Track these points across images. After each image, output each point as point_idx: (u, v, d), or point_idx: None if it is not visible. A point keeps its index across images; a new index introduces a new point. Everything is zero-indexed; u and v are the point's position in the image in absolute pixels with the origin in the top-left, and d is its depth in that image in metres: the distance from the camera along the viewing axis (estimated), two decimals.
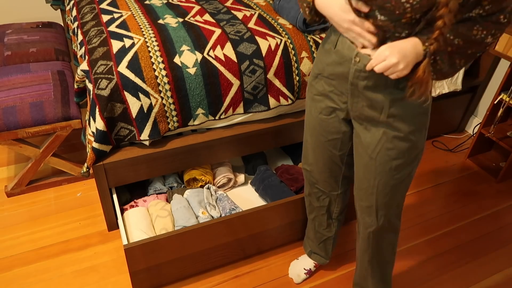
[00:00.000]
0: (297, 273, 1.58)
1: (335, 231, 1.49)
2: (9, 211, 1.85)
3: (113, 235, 1.74)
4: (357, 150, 1.14)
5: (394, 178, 1.10)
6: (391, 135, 1.03)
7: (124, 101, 1.48)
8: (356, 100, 1.04)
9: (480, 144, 2.27)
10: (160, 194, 1.75)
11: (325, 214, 1.43)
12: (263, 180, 1.78)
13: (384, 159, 1.07)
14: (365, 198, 1.18)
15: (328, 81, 1.08)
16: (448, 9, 0.76)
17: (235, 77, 1.60)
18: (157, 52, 1.52)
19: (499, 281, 1.65)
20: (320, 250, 1.54)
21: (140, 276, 1.45)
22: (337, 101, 1.10)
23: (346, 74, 1.01)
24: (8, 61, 2.06)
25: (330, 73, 1.06)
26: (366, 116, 1.05)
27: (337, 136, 1.18)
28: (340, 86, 1.06)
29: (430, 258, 1.73)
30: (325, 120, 1.16)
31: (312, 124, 1.21)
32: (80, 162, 1.98)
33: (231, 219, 1.47)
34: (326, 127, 1.17)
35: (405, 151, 1.05)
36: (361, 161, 1.13)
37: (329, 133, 1.18)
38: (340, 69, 1.02)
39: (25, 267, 1.60)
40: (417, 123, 1.02)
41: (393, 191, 1.13)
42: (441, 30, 0.80)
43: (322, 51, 1.08)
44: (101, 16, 1.78)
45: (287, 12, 1.78)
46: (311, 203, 1.44)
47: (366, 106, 1.03)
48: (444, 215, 1.95)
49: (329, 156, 1.24)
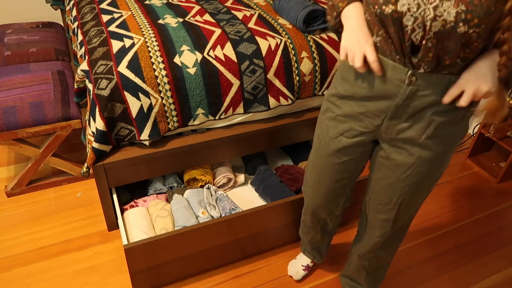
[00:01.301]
0: (296, 270, 1.59)
1: (329, 240, 1.51)
2: (9, 211, 1.85)
3: (113, 235, 1.74)
4: (381, 170, 1.09)
5: (418, 195, 1.08)
6: (427, 158, 0.99)
7: (124, 101, 1.48)
8: (397, 121, 0.96)
9: (480, 144, 2.27)
10: (160, 194, 1.75)
11: (319, 231, 1.41)
12: (263, 180, 1.78)
13: (413, 181, 1.04)
14: (384, 212, 1.14)
15: (360, 103, 0.99)
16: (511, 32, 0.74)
17: (235, 77, 1.60)
18: (157, 52, 1.52)
19: (499, 281, 1.65)
20: (314, 253, 1.56)
21: (140, 276, 1.45)
22: (367, 124, 1.01)
23: (390, 96, 0.93)
24: (8, 61, 2.06)
25: (364, 95, 0.97)
26: (403, 138, 0.98)
27: (353, 156, 1.09)
28: (376, 108, 0.97)
29: (430, 258, 1.73)
30: (345, 141, 1.07)
31: (326, 144, 1.11)
32: (80, 162, 1.98)
33: (231, 219, 1.47)
34: (344, 149, 1.08)
35: (435, 171, 1.02)
36: (386, 180, 1.08)
37: (345, 154, 1.09)
38: (381, 91, 0.94)
39: (25, 267, 1.60)
40: (454, 143, 0.99)
41: (414, 205, 1.12)
42: (508, 55, 0.77)
43: (351, 70, 0.99)
44: (101, 16, 1.78)
45: (287, 12, 1.78)
46: (305, 222, 1.42)
47: (407, 128, 0.96)
48: (444, 215, 1.94)
49: (337, 180, 1.16)
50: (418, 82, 0.88)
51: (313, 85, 1.74)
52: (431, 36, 0.80)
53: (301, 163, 1.94)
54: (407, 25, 0.81)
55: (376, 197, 1.14)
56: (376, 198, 1.15)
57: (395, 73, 0.90)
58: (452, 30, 0.77)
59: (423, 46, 0.82)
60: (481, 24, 0.76)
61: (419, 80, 0.88)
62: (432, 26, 0.78)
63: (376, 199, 1.14)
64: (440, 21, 0.77)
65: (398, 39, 0.85)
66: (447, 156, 1.01)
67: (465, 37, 0.78)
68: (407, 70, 0.88)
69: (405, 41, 0.84)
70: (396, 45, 0.87)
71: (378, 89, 0.94)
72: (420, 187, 1.06)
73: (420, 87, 0.88)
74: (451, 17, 0.76)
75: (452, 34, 0.78)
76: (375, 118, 0.99)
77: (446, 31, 0.78)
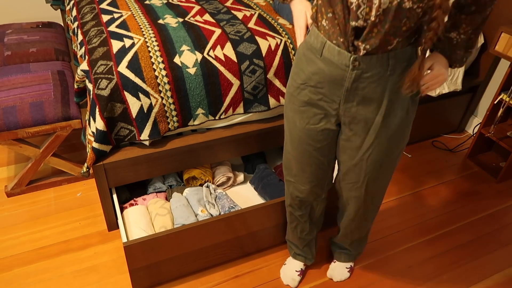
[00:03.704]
0: (291, 277, 1.57)
1: (316, 232, 1.53)
2: (9, 211, 1.85)
3: (113, 235, 1.74)
4: (345, 152, 1.16)
5: (383, 171, 1.17)
6: (385, 137, 1.07)
7: (124, 101, 1.48)
8: (351, 104, 1.04)
9: (480, 144, 2.27)
10: (160, 192, 1.75)
11: (307, 220, 1.44)
12: (262, 178, 1.79)
13: (375, 159, 1.12)
14: (354, 189, 1.24)
15: (315, 89, 1.07)
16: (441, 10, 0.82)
17: (235, 77, 1.60)
18: (157, 52, 1.52)
19: (499, 281, 1.65)
20: (305, 252, 1.56)
21: (140, 273, 1.45)
22: (327, 108, 1.09)
23: (339, 81, 1.01)
24: (8, 61, 2.06)
25: (318, 81, 1.05)
26: (360, 119, 1.06)
27: (325, 142, 1.17)
28: (330, 93, 1.05)
29: (430, 258, 1.73)
30: (313, 129, 1.14)
31: (297, 135, 1.19)
32: (80, 162, 1.98)
33: (230, 217, 1.47)
34: (315, 136, 1.16)
35: (395, 147, 1.11)
36: (351, 161, 1.17)
37: (317, 141, 1.17)
38: (331, 76, 1.01)
39: (25, 267, 1.60)
40: (409, 116, 1.08)
41: (382, 180, 1.22)
42: (436, 30, 0.85)
43: (303, 60, 1.07)
44: (101, 16, 1.79)
45: (287, 12, 1.79)
46: (292, 213, 1.44)
47: (362, 109, 1.04)
48: (444, 215, 1.95)
49: (317, 165, 1.23)
50: (361, 66, 0.96)
51: None
52: (380, 13, 0.86)
53: None
54: (352, 2, 0.87)
55: (345, 177, 1.23)
56: (345, 178, 1.24)
57: (341, 59, 0.98)
58: (398, 6, 0.84)
59: (370, 23, 0.88)
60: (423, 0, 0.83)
61: (362, 64, 0.96)
62: (381, 2, 0.84)
63: (346, 179, 1.24)
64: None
65: (343, 19, 0.91)
66: (404, 130, 1.09)
67: (411, 12, 0.85)
68: (350, 55, 0.96)
69: (349, 21, 0.91)
70: (341, 26, 0.93)
71: (328, 75, 1.02)
72: (384, 164, 1.15)
73: (364, 70, 0.97)
74: None
75: (399, 10, 0.85)
76: (332, 103, 1.07)
77: (393, 7, 0.84)
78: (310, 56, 1.04)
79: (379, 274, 1.65)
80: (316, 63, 1.03)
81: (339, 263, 1.61)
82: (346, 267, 1.61)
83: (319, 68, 1.03)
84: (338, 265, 1.61)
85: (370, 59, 0.95)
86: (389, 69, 0.97)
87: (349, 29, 0.92)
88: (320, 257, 1.69)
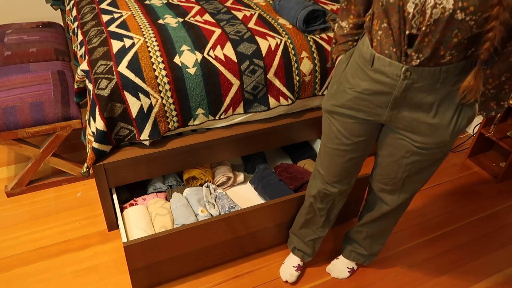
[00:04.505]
0: (289, 273, 1.58)
1: (326, 232, 1.52)
2: (9, 211, 1.85)
3: (113, 235, 1.74)
4: (387, 148, 1.19)
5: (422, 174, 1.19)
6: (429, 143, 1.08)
7: (124, 101, 1.48)
8: (397, 111, 1.06)
9: (480, 144, 2.27)
10: (160, 192, 1.75)
11: (324, 215, 1.45)
12: (262, 178, 1.79)
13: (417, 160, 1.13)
14: (390, 185, 1.26)
15: (361, 96, 1.09)
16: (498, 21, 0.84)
17: (235, 77, 1.60)
18: (157, 52, 1.52)
19: (499, 281, 1.65)
20: (306, 247, 1.55)
21: (140, 273, 1.45)
22: (372, 114, 1.11)
23: (388, 90, 1.03)
24: (8, 61, 2.06)
25: (365, 88, 1.07)
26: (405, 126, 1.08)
27: (363, 138, 1.18)
28: (377, 101, 1.07)
29: (430, 258, 1.73)
30: (351, 124, 1.16)
31: (335, 128, 1.20)
32: (80, 162, 1.98)
33: (230, 217, 1.47)
34: (353, 131, 1.17)
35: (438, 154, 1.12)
36: (391, 157, 1.18)
37: (355, 136, 1.18)
38: (380, 86, 1.04)
39: (25, 267, 1.60)
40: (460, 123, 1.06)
41: (419, 181, 1.22)
42: (493, 41, 0.87)
43: (356, 67, 1.09)
44: (101, 16, 1.79)
45: (287, 12, 1.79)
46: (312, 205, 1.44)
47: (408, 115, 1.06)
48: (444, 215, 1.95)
49: (349, 159, 1.24)
50: (412, 76, 0.98)
51: (313, 85, 1.74)
52: (431, 23, 0.88)
53: (300, 162, 1.95)
54: (409, 12, 0.89)
55: (382, 172, 1.25)
56: (382, 173, 1.26)
57: (392, 69, 1.00)
58: (450, 17, 0.86)
59: (421, 33, 0.90)
60: (477, 12, 0.84)
61: (413, 74, 0.98)
62: (433, 13, 0.86)
63: (383, 174, 1.26)
64: (440, 8, 0.86)
65: (398, 29, 0.93)
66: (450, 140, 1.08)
67: (463, 24, 0.86)
68: (401, 66, 0.98)
69: (404, 31, 0.93)
70: (395, 36, 0.95)
71: (377, 85, 1.04)
72: (425, 167, 1.16)
73: (415, 80, 0.98)
74: (450, 5, 0.84)
75: (450, 21, 0.86)
76: (377, 109, 1.09)
77: (445, 18, 0.86)
78: (362, 65, 1.07)
79: (379, 274, 1.65)
80: (366, 72, 1.06)
81: (343, 260, 1.61)
82: (347, 267, 1.61)
83: (370, 77, 1.05)
84: (340, 262, 1.62)
85: (422, 71, 0.96)
86: (440, 82, 0.98)
87: (403, 38, 0.94)
88: (321, 257, 1.69)
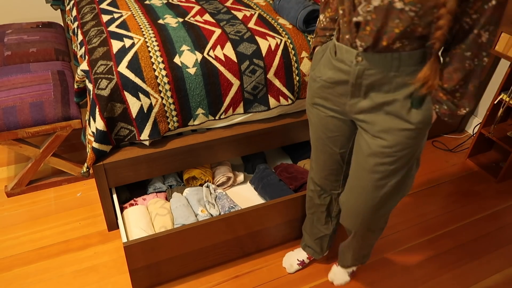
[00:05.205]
0: (290, 263, 1.61)
1: (333, 229, 1.52)
2: (9, 211, 1.85)
3: (113, 235, 1.74)
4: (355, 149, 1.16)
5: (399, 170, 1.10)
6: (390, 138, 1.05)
7: (124, 101, 1.48)
8: (356, 100, 1.05)
9: (480, 144, 2.27)
10: (160, 192, 1.75)
11: (324, 212, 1.46)
12: (262, 178, 1.79)
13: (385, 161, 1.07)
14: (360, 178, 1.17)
15: (326, 84, 1.11)
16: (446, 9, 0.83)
17: (235, 77, 1.60)
18: (157, 52, 1.52)
19: (499, 281, 1.65)
20: (315, 245, 1.56)
21: (140, 274, 1.45)
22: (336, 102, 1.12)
23: (346, 78, 1.04)
24: (8, 61, 2.06)
25: (329, 77, 1.09)
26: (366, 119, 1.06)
27: (337, 134, 1.20)
28: (339, 89, 1.08)
29: (430, 258, 1.73)
30: (324, 117, 1.19)
31: (314, 120, 1.24)
32: (80, 162, 1.98)
33: (230, 217, 1.47)
34: (326, 124, 1.20)
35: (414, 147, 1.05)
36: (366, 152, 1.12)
37: (329, 130, 1.21)
38: (340, 75, 1.05)
39: (25, 267, 1.60)
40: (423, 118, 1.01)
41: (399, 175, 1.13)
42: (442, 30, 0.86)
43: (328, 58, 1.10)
44: (101, 16, 1.79)
45: (287, 12, 1.79)
46: (312, 199, 1.46)
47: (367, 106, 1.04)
48: (444, 215, 1.95)
49: (330, 154, 1.26)
50: (364, 62, 0.98)
51: None
52: (371, 10, 0.89)
53: (300, 162, 1.95)
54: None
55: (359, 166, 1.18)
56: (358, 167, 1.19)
57: (347, 55, 1.01)
58: (389, 5, 0.86)
59: (363, 20, 0.92)
60: (416, 3, 0.84)
61: (364, 60, 0.98)
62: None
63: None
64: None
65: (349, 15, 0.95)
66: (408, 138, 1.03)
67: (403, 14, 0.86)
68: (355, 52, 0.98)
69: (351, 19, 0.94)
70: (347, 23, 0.97)
71: (338, 74, 1.06)
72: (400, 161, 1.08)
73: (366, 66, 0.98)
74: None
75: (390, 10, 0.87)
76: (341, 97, 1.09)
77: (385, 5, 0.87)
78: (330, 56, 1.09)
79: (379, 274, 1.65)
80: (331, 62, 1.08)
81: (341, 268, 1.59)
82: (347, 271, 1.60)
83: (334, 66, 1.07)
84: (339, 269, 1.60)
85: (372, 56, 0.96)
86: (393, 70, 0.96)
87: (352, 26, 0.96)
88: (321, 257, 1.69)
